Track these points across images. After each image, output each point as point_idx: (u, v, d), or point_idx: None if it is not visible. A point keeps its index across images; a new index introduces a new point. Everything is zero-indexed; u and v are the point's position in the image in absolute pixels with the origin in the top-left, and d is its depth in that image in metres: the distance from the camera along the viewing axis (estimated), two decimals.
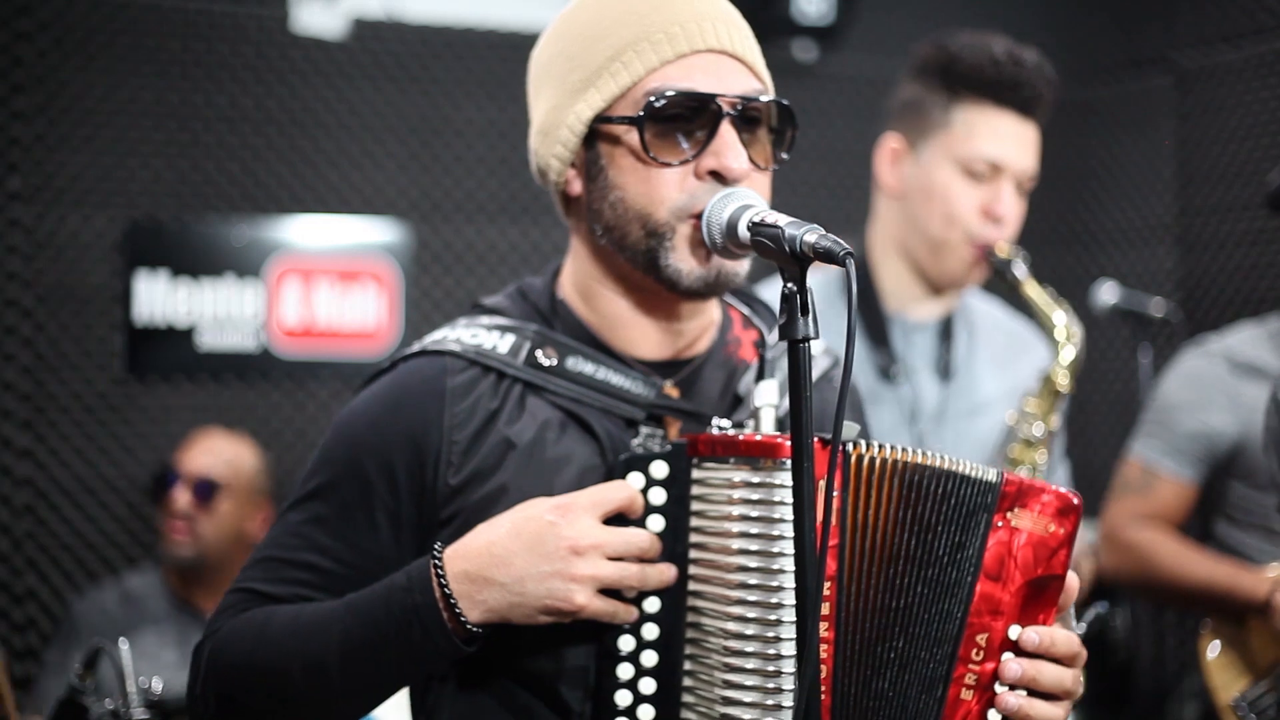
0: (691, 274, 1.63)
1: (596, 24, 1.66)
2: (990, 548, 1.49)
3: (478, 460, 1.63)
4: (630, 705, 1.57)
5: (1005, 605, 1.49)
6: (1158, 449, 3.08)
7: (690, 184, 1.62)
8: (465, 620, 1.52)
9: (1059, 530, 1.50)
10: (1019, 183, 2.61)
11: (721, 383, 1.73)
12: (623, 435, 1.64)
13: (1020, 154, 2.59)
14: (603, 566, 1.52)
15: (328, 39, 4.18)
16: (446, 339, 1.70)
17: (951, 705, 1.50)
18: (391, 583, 1.57)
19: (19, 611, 3.82)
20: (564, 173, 1.70)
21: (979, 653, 1.50)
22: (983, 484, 1.50)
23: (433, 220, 4.34)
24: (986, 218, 2.58)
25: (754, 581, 1.48)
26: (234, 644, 1.62)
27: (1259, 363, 3.04)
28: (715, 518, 1.53)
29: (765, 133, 1.66)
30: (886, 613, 1.49)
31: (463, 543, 1.56)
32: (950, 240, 2.60)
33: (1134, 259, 4.78)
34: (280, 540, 1.67)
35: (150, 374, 4.01)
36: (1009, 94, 2.57)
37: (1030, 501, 1.50)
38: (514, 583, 1.51)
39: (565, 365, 1.67)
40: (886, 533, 1.49)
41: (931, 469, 1.49)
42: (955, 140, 2.59)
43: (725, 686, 1.50)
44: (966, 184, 2.58)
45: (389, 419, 1.66)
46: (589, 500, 1.54)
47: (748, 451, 1.51)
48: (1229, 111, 4.38)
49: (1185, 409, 3.07)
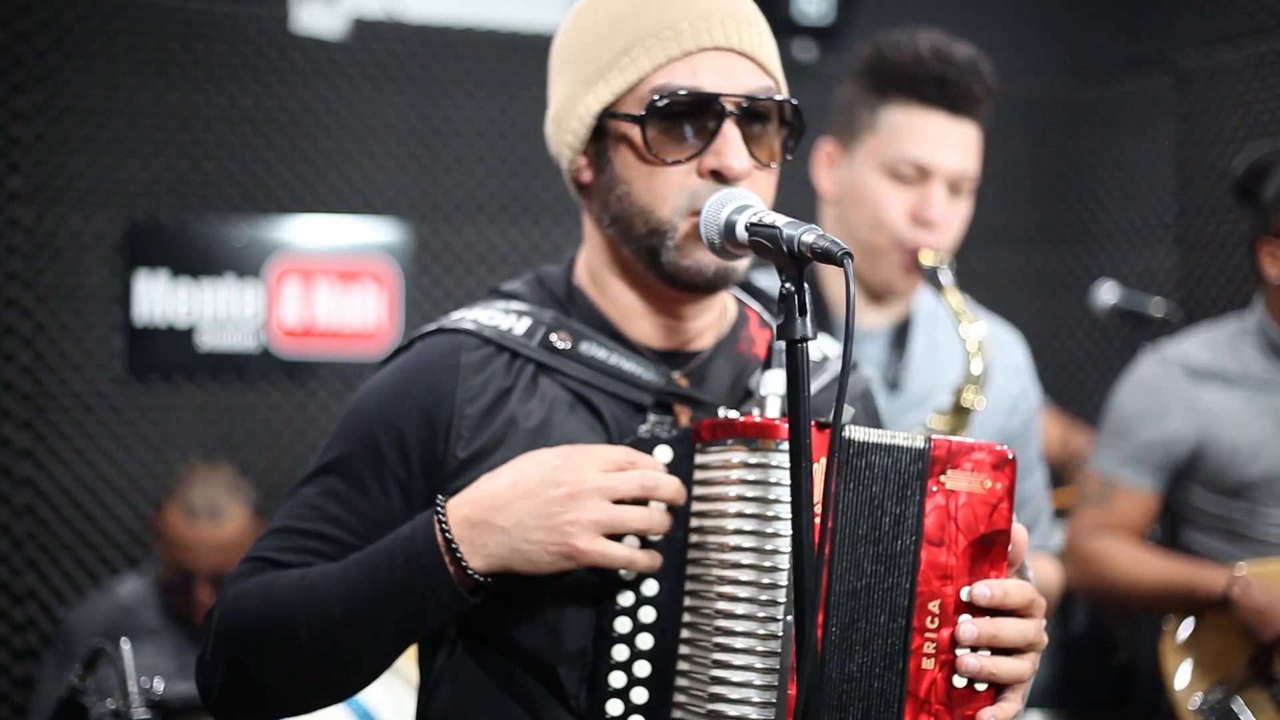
0: (690, 268, 1.64)
1: (610, 16, 1.68)
2: (929, 513, 1.50)
3: (486, 436, 1.64)
4: (624, 687, 1.58)
5: (953, 569, 1.50)
6: (1115, 459, 3.07)
7: (692, 182, 1.63)
8: (468, 567, 1.53)
9: (996, 485, 1.50)
10: (953, 184, 2.50)
11: (731, 376, 1.75)
12: (630, 420, 1.66)
13: (950, 155, 2.48)
14: (602, 509, 1.52)
15: (328, 39, 4.18)
16: (465, 318, 1.73)
17: (915, 676, 1.50)
18: (396, 534, 1.58)
19: (19, 611, 3.82)
20: (575, 161, 1.72)
21: (934, 620, 1.50)
22: (913, 451, 1.51)
23: (433, 220, 4.34)
24: (915, 222, 2.48)
25: (748, 561, 1.49)
26: (241, 605, 1.63)
27: (1215, 366, 3.04)
28: (715, 499, 1.54)
29: (772, 129, 1.66)
30: (855, 594, 1.50)
31: (466, 491, 1.57)
32: (879, 245, 2.50)
33: (1134, 259, 4.78)
34: (294, 511, 1.68)
35: (150, 374, 4.01)
36: (935, 92, 2.47)
37: (961, 460, 1.50)
38: (514, 527, 1.52)
39: (579, 349, 1.68)
40: (851, 513, 1.50)
41: (875, 445, 1.51)
42: (882, 142, 2.49)
43: (717, 666, 1.51)
44: (893, 187, 2.49)
45: (403, 392, 1.68)
46: (593, 455, 1.55)
47: (745, 432, 1.51)
48: (1229, 111, 4.38)
49: (1141, 418, 3.05)
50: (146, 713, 2.17)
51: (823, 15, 4.46)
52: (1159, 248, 4.69)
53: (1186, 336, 3.18)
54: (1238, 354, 3.05)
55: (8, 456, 3.81)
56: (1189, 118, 4.56)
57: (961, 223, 2.57)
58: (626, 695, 1.58)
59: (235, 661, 1.63)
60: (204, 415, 4.06)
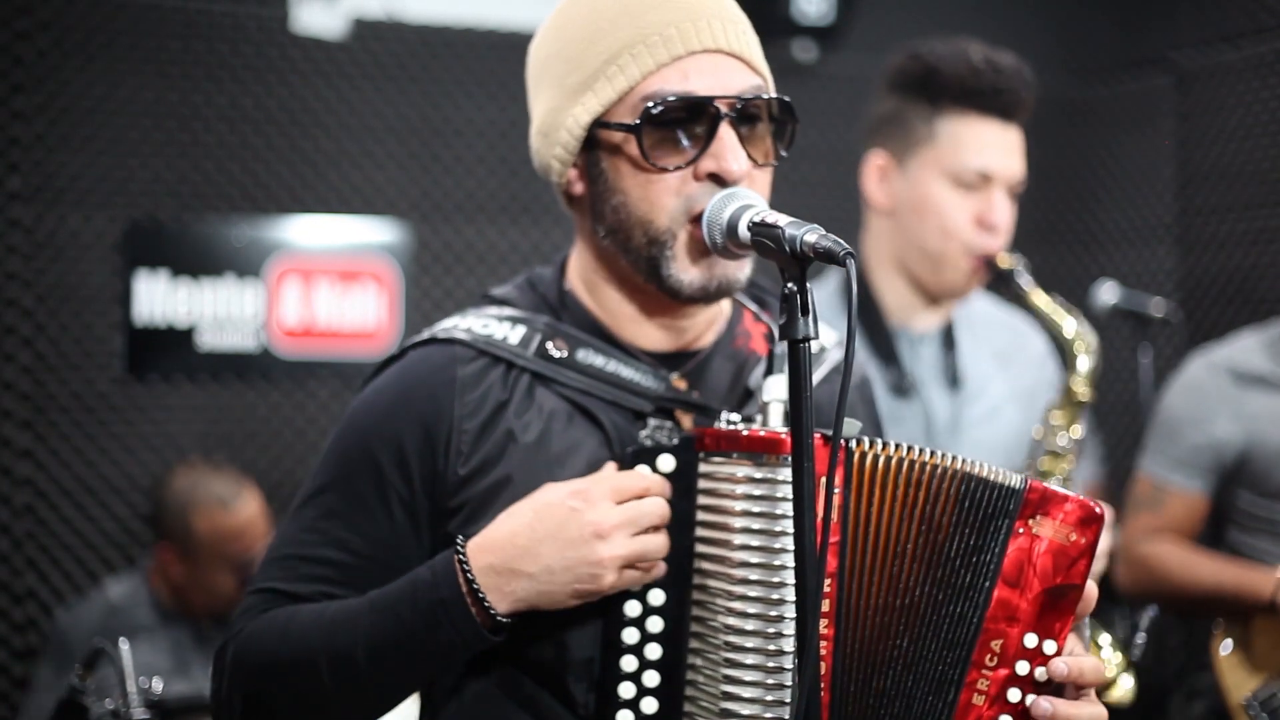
0: (693, 283, 1.63)
1: (592, 23, 1.65)
2: (1010, 553, 1.49)
3: (484, 451, 1.64)
4: (634, 697, 1.58)
5: (1022, 612, 1.49)
6: (1165, 464, 3.10)
7: (690, 187, 1.61)
8: (493, 611, 1.53)
9: (1080, 540, 1.49)
10: (1009, 188, 2.60)
11: (731, 375, 1.74)
12: (630, 428, 1.65)
13: (1007, 160, 2.57)
14: (627, 544, 1.53)
15: (328, 39, 4.18)
16: (457, 327, 1.71)
17: (963, 709, 1.49)
18: (416, 578, 1.57)
19: (19, 611, 3.82)
20: (565, 173, 1.70)
21: (993, 658, 1.49)
22: (1005, 489, 1.49)
23: (433, 220, 4.33)
24: (981, 227, 2.57)
25: (755, 577, 1.49)
26: (258, 643, 1.62)
27: (1261, 371, 3.05)
28: (720, 512, 1.54)
29: (765, 128, 1.65)
30: (890, 611, 1.49)
31: (485, 535, 1.56)
32: (948, 253, 2.58)
33: (1134, 259, 4.78)
34: (296, 537, 1.67)
35: (150, 374, 4.01)
36: (991, 101, 2.54)
37: (1053, 509, 1.49)
38: (542, 572, 1.52)
39: (575, 357, 1.67)
40: (890, 530, 1.49)
41: (942, 469, 1.49)
42: (943, 153, 2.57)
43: (726, 681, 1.51)
44: (958, 195, 2.56)
45: (401, 407, 1.66)
46: (608, 487, 1.54)
47: (751, 447, 1.51)
48: (1229, 111, 4.38)
49: (1190, 422, 3.08)
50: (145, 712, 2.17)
51: (823, 15, 4.46)
52: (1159, 248, 4.69)
53: (1233, 340, 3.19)
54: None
55: (8, 456, 3.81)
56: (1189, 118, 4.56)
57: (1012, 224, 2.65)
58: (636, 706, 1.58)
59: (253, 698, 1.63)
60: (204, 415, 4.05)
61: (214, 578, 3.62)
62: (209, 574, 3.62)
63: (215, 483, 3.71)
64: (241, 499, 3.69)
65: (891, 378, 2.62)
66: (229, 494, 3.68)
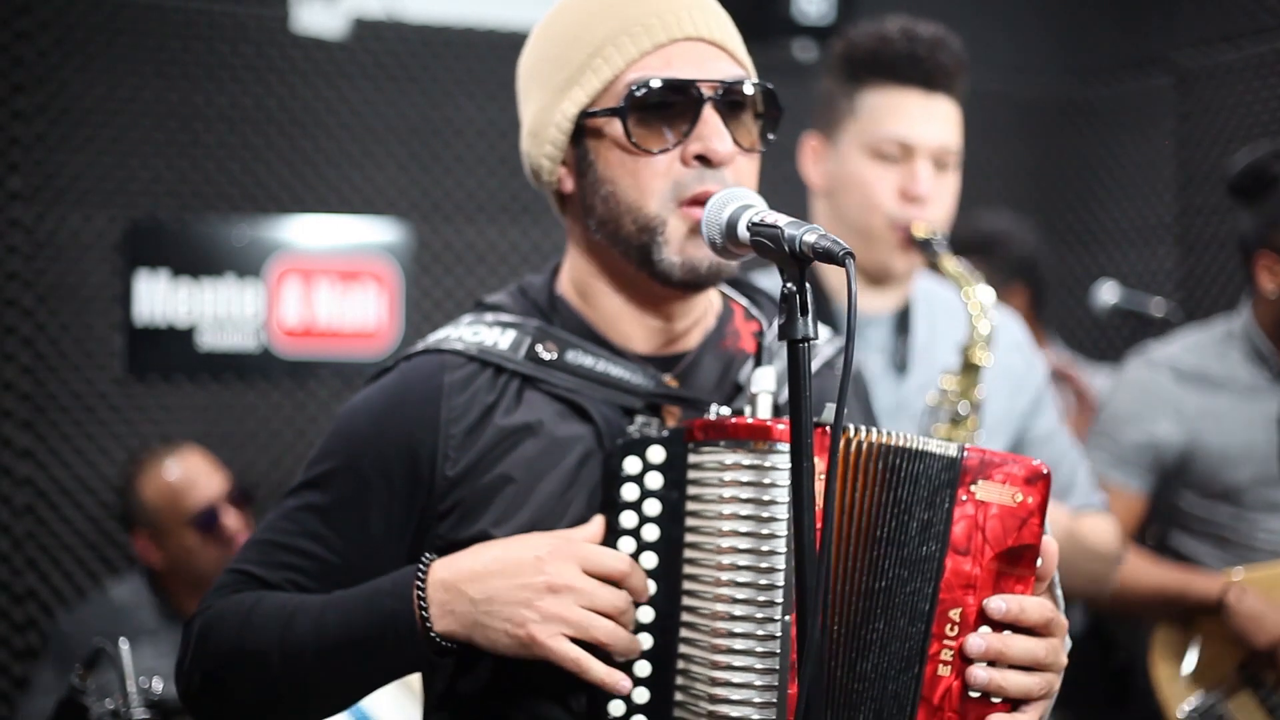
0: (684, 267, 1.64)
1: (576, 24, 1.69)
2: (956, 521, 1.50)
3: (475, 452, 1.65)
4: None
5: (978, 579, 1.50)
6: (1105, 460, 3.08)
7: (677, 170, 1.63)
8: (431, 628, 1.54)
9: (1028, 499, 1.50)
10: (937, 159, 2.54)
11: (719, 373, 1.74)
12: (620, 423, 1.66)
13: (930, 129, 2.52)
14: (571, 611, 1.52)
15: (328, 39, 4.18)
16: (449, 337, 1.73)
17: (930, 682, 1.50)
18: (376, 585, 1.60)
19: (19, 611, 3.82)
20: (555, 172, 1.72)
21: (953, 628, 1.50)
22: (945, 460, 1.51)
23: (433, 220, 4.34)
24: (904, 199, 2.52)
25: (746, 563, 1.49)
26: (221, 625, 1.64)
27: (1203, 370, 3.04)
28: (710, 501, 1.54)
29: (750, 116, 1.67)
30: (870, 595, 1.50)
31: (455, 555, 1.58)
32: (873, 226, 2.54)
33: (1134, 259, 4.78)
34: (278, 525, 1.69)
35: (150, 374, 4.01)
36: (908, 71, 2.51)
37: (993, 472, 1.50)
38: (482, 600, 1.53)
39: (565, 358, 1.68)
40: (870, 515, 1.50)
41: (906, 449, 1.50)
42: (863, 126, 2.54)
43: (717, 668, 1.51)
44: (879, 168, 2.53)
45: (387, 419, 1.68)
46: (583, 553, 1.55)
47: (740, 435, 1.52)
48: (1229, 111, 4.38)
49: (1130, 420, 3.06)
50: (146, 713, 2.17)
51: (823, 15, 4.46)
52: (1159, 248, 4.69)
53: (1174, 339, 3.18)
54: (1224, 359, 3.05)
55: (8, 456, 3.81)
56: (1189, 118, 4.56)
57: (952, 198, 2.61)
58: (628, 696, 1.58)
59: (210, 675, 1.66)
60: (204, 415, 4.05)
61: (182, 542, 3.61)
62: (177, 539, 3.62)
63: (152, 454, 3.76)
64: (176, 455, 3.72)
65: None
66: (163, 455, 3.73)
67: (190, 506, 3.63)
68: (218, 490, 3.68)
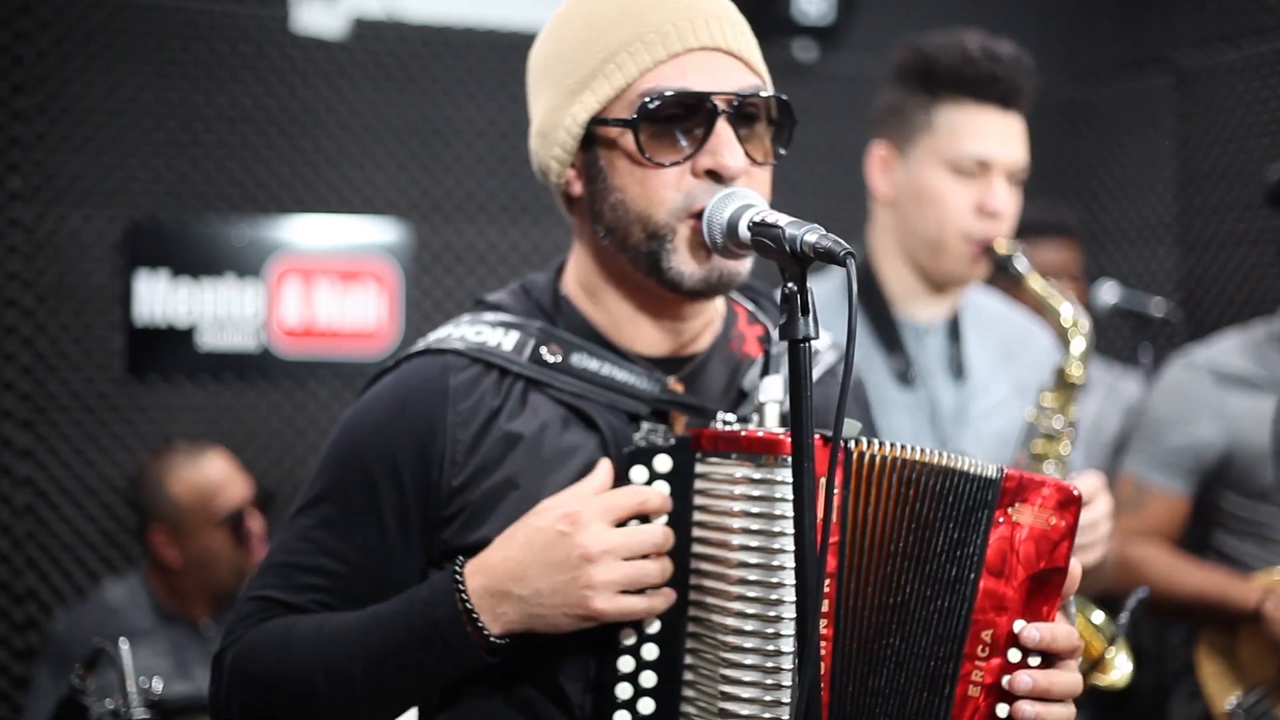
0: (693, 276, 1.63)
1: (591, 24, 1.66)
2: (992, 543, 1.49)
3: (480, 457, 1.63)
4: (630, 698, 1.58)
5: (1009, 600, 1.49)
6: (1147, 464, 3.10)
7: (688, 183, 1.61)
8: (488, 633, 1.54)
9: (1060, 523, 1.50)
10: (1009, 175, 2.61)
11: (725, 378, 1.73)
12: (626, 430, 1.64)
13: (1006, 147, 2.59)
14: (617, 569, 1.52)
15: (328, 39, 4.18)
16: (450, 337, 1.70)
17: (960, 703, 1.50)
18: (413, 598, 1.59)
19: (19, 611, 3.82)
20: (564, 174, 1.70)
21: (984, 649, 1.50)
22: (982, 480, 1.50)
23: (433, 220, 4.33)
24: (981, 214, 2.58)
25: (754, 578, 1.49)
26: (257, 654, 1.63)
27: (1243, 372, 3.06)
28: (717, 513, 1.54)
29: (763, 128, 1.65)
30: (884, 610, 1.49)
31: (481, 557, 1.57)
32: (948, 240, 2.60)
33: (1134, 259, 4.78)
34: (291, 545, 1.67)
35: (150, 374, 4.01)
36: (988, 89, 2.56)
37: (1030, 495, 1.50)
38: (532, 595, 1.53)
39: (570, 362, 1.67)
40: (885, 529, 1.49)
41: (930, 466, 1.49)
42: (941, 141, 2.59)
43: (724, 681, 1.51)
44: (957, 183, 2.58)
45: (393, 421, 1.66)
46: (600, 507, 1.54)
47: (749, 448, 1.51)
48: (1229, 111, 4.38)
49: (1171, 423, 3.08)
50: (145, 713, 2.17)
51: (823, 15, 4.46)
52: (1159, 248, 4.69)
53: (1214, 341, 3.19)
54: (1264, 360, 3.07)
55: (8, 456, 3.80)
56: (1189, 118, 4.56)
57: (1017, 211, 2.66)
58: (633, 706, 1.58)
59: (250, 705, 1.65)
60: (204, 415, 4.05)
61: (207, 543, 3.61)
62: (202, 539, 3.62)
63: (180, 451, 3.76)
64: (208, 456, 3.73)
65: (897, 367, 2.63)
66: (196, 453, 3.74)
67: (221, 508, 3.64)
68: (245, 494, 3.69)
